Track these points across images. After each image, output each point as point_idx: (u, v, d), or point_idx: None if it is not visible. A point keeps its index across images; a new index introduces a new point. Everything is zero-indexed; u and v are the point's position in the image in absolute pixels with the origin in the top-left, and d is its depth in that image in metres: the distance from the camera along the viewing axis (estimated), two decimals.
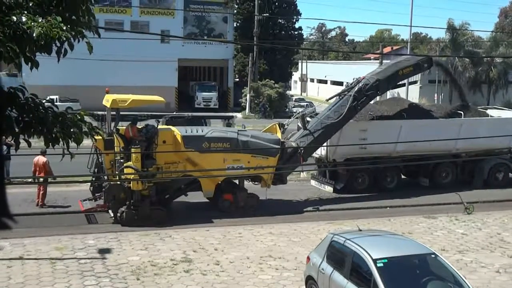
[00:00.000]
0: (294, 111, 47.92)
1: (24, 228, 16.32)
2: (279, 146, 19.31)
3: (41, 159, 18.51)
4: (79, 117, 7.29)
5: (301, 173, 23.62)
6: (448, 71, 32.27)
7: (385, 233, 12.42)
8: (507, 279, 12.98)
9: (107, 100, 18.02)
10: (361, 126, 22.14)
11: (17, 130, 6.88)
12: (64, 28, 6.34)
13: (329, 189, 22.47)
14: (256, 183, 19.93)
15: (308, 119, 21.63)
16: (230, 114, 34.33)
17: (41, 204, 18.87)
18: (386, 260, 9.79)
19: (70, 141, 7.19)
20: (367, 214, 19.26)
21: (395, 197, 21.65)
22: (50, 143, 7.13)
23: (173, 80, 55.13)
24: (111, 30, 41.96)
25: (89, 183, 18.50)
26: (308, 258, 11.72)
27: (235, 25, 62.53)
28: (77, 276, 12.58)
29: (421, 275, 9.90)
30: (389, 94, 41.91)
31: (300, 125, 21.59)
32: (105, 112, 19.15)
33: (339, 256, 10.69)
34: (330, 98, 22.99)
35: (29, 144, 7.18)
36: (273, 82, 55.41)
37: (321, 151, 22.05)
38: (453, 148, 22.85)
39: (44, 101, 7.41)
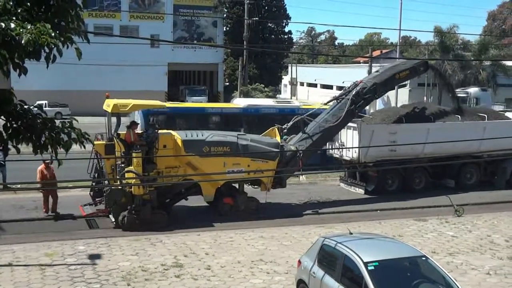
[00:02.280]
0: None
1: (13, 234, 16.29)
2: (278, 150, 19.41)
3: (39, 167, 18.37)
4: (68, 124, 7.25)
5: (300, 176, 23.83)
6: (442, 75, 32.50)
7: (376, 236, 12.44)
8: (497, 281, 13.04)
9: (108, 105, 18.00)
10: (391, 129, 22.84)
11: (5, 136, 6.84)
12: (53, 34, 6.31)
13: (360, 191, 23.11)
14: (255, 186, 20.01)
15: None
16: None
17: (45, 211, 18.65)
18: (377, 263, 9.80)
19: (58, 147, 7.15)
20: (357, 217, 19.30)
21: (389, 200, 21.85)
22: (39, 150, 7.08)
23: (163, 84, 55.10)
24: (100, 34, 41.88)
25: (89, 188, 18.48)
26: (299, 261, 11.72)
27: (224, 29, 62.64)
28: (67, 283, 12.50)
29: (412, 278, 9.91)
30: (379, 99, 42.00)
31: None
32: None
33: (330, 259, 10.70)
34: (328, 102, 23.26)
35: (18, 151, 7.13)
36: (263, 86, 55.57)
37: (352, 154, 22.61)
38: (477, 149, 23.42)
39: (32, 107, 7.36)
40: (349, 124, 22.90)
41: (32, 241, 15.48)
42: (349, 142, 22.84)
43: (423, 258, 10.36)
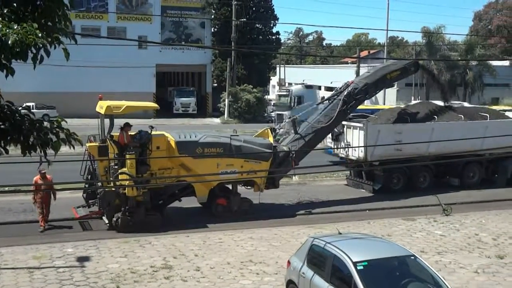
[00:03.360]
0: (273, 115, 48.12)
1: (1, 237, 16.15)
2: (271, 151, 19.46)
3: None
4: (56, 124, 7.19)
5: (293, 177, 23.95)
6: (432, 74, 32.76)
7: (364, 236, 12.47)
8: (485, 279, 13.12)
9: (101, 106, 17.94)
10: (397, 129, 23.22)
11: None
12: (40, 34, 6.26)
13: (366, 190, 23.48)
14: (249, 187, 20.05)
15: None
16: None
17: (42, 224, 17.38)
18: (366, 263, 9.83)
19: (47, 148, 7.10)
20: (346, 217, 19.34)
21: (378, 200, 22.02)
22: (27, 151, 7.02)
23: (151, 86, 54.92)
24: (87, 36, 41.69)
25: (82, 190, 18.38)
26: (289, 262, 11.72)
27: (212, 30, 62.52)
28: (56, 285, 12.42)
29: (401, 277, 9.95)
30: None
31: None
32: None
33: (320, 259, 10.71)
34: (320, 103, 23.48)
35: (6, 151, 7.07)
36: (252, 86, 55.50)
37: (358, 153, 22.92)
38: (479, 148, 23.69)
39: (20, 108, 7.31)
40: (355, 124, 23.37)
41: (20, 244, 15.35)
42: (355, 142, 23.12)
43: (412, 257, 10.40)
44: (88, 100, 39.90)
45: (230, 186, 19.55)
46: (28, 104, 40.65)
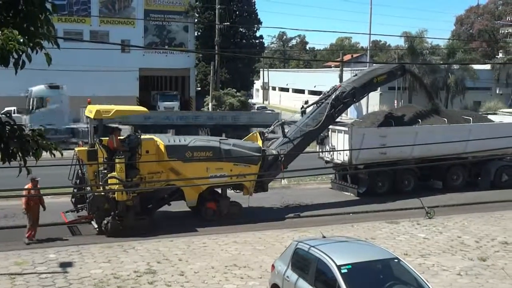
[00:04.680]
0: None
1: None
2: (260, 154, 19.48)
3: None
4: (37, 132, 7.13)
5: (282, 180, 24.01)
6: (418, 78, 33.08)
7: (348, 239, 12.53)
8: (468, 282, 13.23)
9: (90, 111, 17.85)
10: (381, 132, 23.38)
11: None
12: (22, 40, 6.20)
13: (351, 193, 23.60)
14: (238, 191, 20.06)
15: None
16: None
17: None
18: (350, 266, 9.87)
19: (28, 156, 7.03)
20: (330, 220, 19.40)
21: (362, 203, 22.12)
22: (7, 159, 6.95)
23: (134, 89, 54.65)
24: (70, 39, 41.39)
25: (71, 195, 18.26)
26: (273, 266, 11.73)
27: (196, 34, 62.46)
28: None
29: (385, 280, 10.00)
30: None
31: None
32: None
33: (304, 263, 10.73)
34: (308, 106, 23.62)
35: None
36: (235, 90, 55.52)
37: (343, 157, 23.06)
38: (463, 151, 23.88)
39: (1, 114, 7.23)
40: (340, 128, 23.46)
41: (1, 250, 15.20)
42: (340, 146, 23.21)
43: (396, 260, 10.46)
44: (71, 104, 39.68)
45: (219, 190, 19.56)
46: (9, 108, 40.20)
